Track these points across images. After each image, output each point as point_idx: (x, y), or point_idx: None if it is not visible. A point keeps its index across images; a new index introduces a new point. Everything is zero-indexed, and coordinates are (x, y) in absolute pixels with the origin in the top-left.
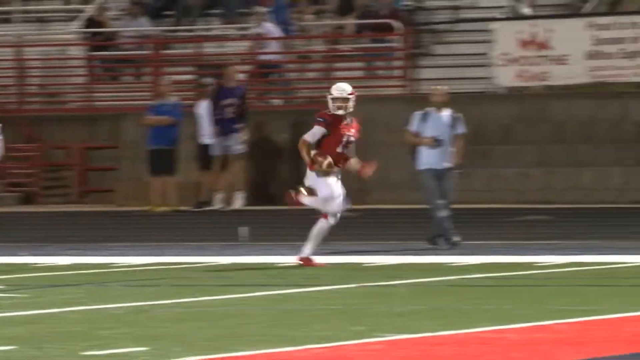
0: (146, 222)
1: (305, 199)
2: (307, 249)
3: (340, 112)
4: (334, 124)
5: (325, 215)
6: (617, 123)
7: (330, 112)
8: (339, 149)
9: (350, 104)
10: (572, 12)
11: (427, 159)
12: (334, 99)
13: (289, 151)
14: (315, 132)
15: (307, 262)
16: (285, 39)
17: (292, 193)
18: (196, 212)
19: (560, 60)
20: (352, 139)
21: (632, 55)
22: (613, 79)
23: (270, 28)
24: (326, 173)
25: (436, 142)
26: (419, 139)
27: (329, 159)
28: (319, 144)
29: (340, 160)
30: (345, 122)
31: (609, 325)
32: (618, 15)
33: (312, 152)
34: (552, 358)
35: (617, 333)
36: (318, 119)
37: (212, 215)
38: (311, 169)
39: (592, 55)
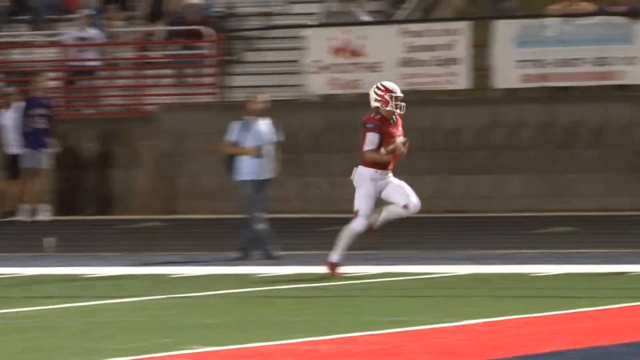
0: None
1: (380, 222)
2: None
3: (398, 111)
4: (383, 126)
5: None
6: (430, 131)
7: (374, 115)
8: (383, 150)
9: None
10: (385, 19)
11: (249, 169)
12: (397, 98)
13: (96, 161)
14: (373, 140)
15: None
16: (94, 46)
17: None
18: (1, 222)
19: (373, 67)
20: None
21: (445, 62)
22: (426, 87)
23: (93, 33)
24: (402, 151)
25: (259, 152)
26: (240, 149)
27: (397, 141)
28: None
29: (390, 161)
30: (391, 122)
31: (421, 337)
32: (431, 22)
33: (382, 150)
34: None
35: (430, 344)
36: (368, 125)
37: (17, 226)
38: (398, 158)
39: (405, 63)
